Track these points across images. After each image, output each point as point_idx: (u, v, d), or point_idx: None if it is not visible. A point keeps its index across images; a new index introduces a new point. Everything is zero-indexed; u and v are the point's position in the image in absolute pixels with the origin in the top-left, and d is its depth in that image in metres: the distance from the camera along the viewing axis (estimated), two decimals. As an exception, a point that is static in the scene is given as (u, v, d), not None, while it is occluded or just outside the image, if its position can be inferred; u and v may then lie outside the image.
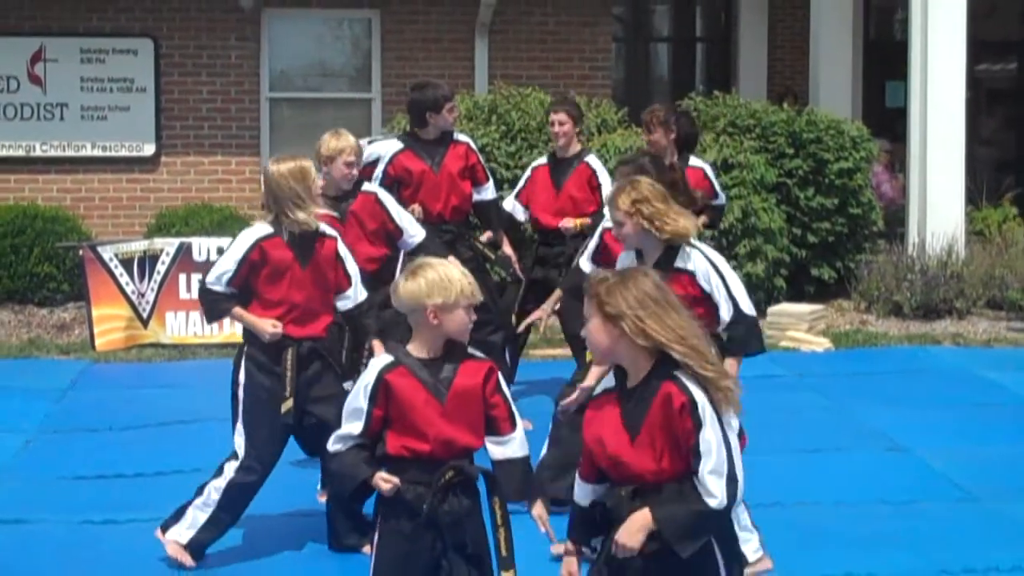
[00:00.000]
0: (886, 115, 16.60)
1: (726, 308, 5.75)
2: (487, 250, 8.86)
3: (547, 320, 7.70)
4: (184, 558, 6.13)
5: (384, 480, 4.51)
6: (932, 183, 13.10)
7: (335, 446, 4.62)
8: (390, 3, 14.04)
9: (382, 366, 4.58)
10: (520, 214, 9.13)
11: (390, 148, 8.60)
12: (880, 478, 7.59)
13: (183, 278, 11.11)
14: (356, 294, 6.39)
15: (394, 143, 8.69)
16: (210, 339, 10.88)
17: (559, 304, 7.65)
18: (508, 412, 4.65)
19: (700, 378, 3.93)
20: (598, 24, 14.43)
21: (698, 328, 4.03)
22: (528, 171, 9.22)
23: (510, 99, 12.65)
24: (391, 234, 7.46)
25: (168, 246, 11.43)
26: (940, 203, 13.06)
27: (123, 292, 11.27)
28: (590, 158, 8.91)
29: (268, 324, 6.11)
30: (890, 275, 12.54)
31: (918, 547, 6.44)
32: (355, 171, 7.25)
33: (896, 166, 15.21)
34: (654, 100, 13.12)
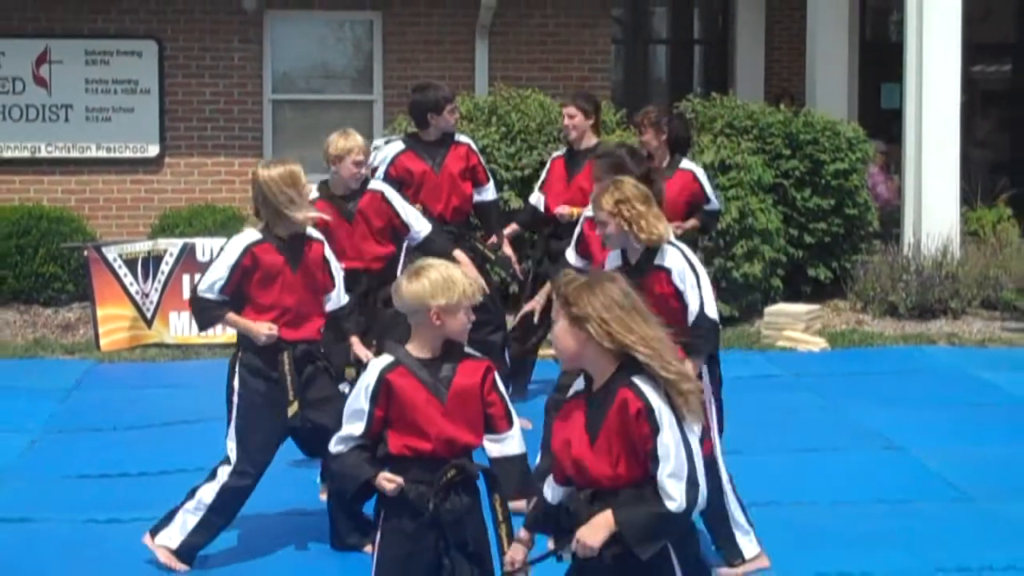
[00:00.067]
0: (882, 117, 16.58)
1: (694, 308, 5.87)
2: (487, 250, 8.84)
3: (540, 312, 7.66)
4: (174, 564, 6.08)
5: (388, 480, 4.50)
6: (927, 184, 13.09)
7: (337, 447, 4.61)
8: (391, 5, 14.03)
9: (383, 366, 4.57)
10: (543, 206, 9.02)
11: (392, 149, 8.58)
12: (876, 478, 7.59)
13: (187, 278, 11.07)
14: (339, 296, 6.38)
15: (396, 144, 8.68)
16: (213, 339, 10.85)
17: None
18: (505, 410, 4.66)
19: (662, 381, 3.93)
20: (597, 26, 14.42)
21: (664, 334, 4.03)
22: (548, 162, 9.22)
23: (510, 100, 12.63)
24: (398, 230, 7.43)
25: (172, 247, 11.42)
26: (935, 204, 13.05)
27: (127, 292, 11.26)
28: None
29: (264, 327, 6.07)
30: (886, 275, 12.53)
31: (913, 546, 6.43)
32: (364, 170, 7.23)
33: (892, 167, 15.19)
34: (652, 101, 13.12)
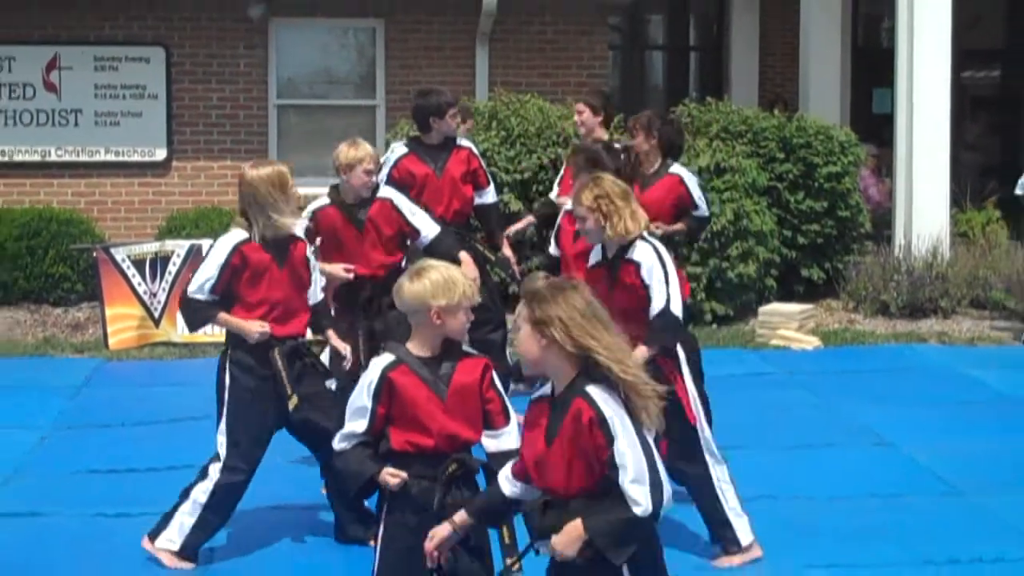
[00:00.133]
0: (873, 121, 16.59)
1: (658, 302, 5.91)
2: (487, 251, 8.85)
3: None
4: (178, 564, 6.05)
5: (392, 475, 4.51)
6: (918, 187, 13.11)
7: (340, 444, 4.62)
8: (394, 13, 14.04)
9: (385, 365, 4.58)
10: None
11: (395, 152, 8.59)
12: (868, 473, 7.59)
13: (194, 279, 11.08)
14: (315, 293, 6.36)
15: (400, 148, 8.68)
16: (219, 338, 10.69)
17: None
18: (502, 406, 4.67)
19: (622, 384, 3.91)
20: (595, 33, 14.42)
21: (624, 343, 4.04)
22: (565, 161, 9.25)
23: (510, 105, 12.64)
24: (408, 236, 7.39)
25: (179, 248, 11.43)
26: (925, 206, 13.07)
27: (135, 292, 11.27)
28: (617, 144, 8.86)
29: (256, 325, 6.03)
30: (877, 275, 12.54)
31: (904, 539, 6.45)
32: (374, 179, 7.17)
33: (883, 170, 15.20)
34: (649, 106, 13.11)
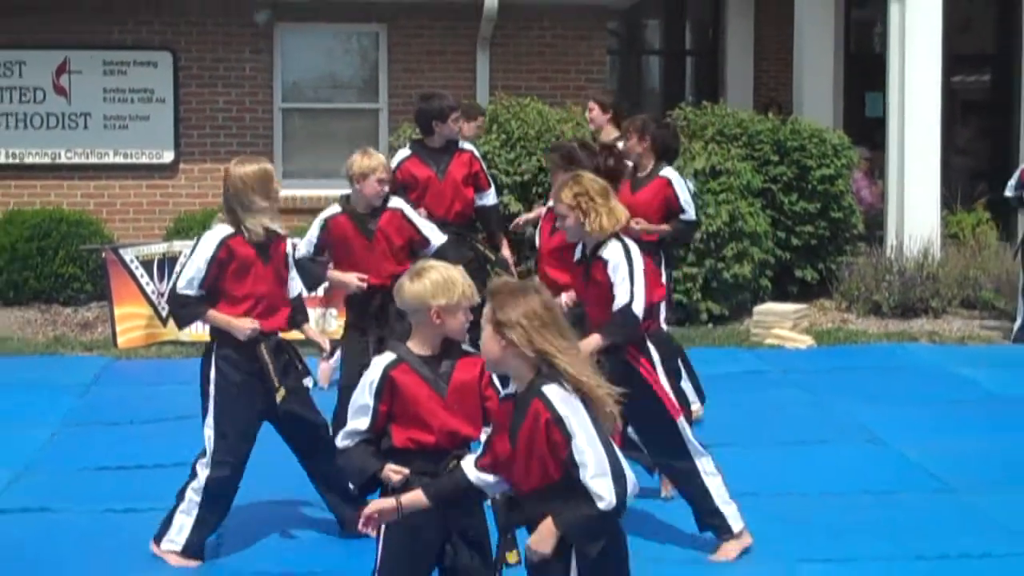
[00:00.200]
0: (866, 124, 16.57)
1: (621, 298, 5.90)
2: (488, 251, 8.84)
3: None
4: (185, 563, 6.04)
5: (394, 471, 4.51)
6: (909, 189, 13.11)
7: (344, 442, 4.62)
8: (397, 18, 14.03)
9: (386, 363, 4.58)
10: None
11: (398, 155, 8.58)
12: (860, 470, 7.58)
13: (200, 279, 11.07)
14: (294, 286, 6.35)
15: (403, 150, 8.68)
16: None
17: None
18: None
19: (576, 384, 3.95)
20: (593, 38, 14.41)
21: (578, 345, 4.11)
22: None
23: (510, 109, 12.63)
24: (417, 245, 7.33)
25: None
26: (917, 208, 13.08)
27: (143, 292, 11.25)
28: (620, 145, 8.85)
29: (247, 322, 5.98)
30: (869, 276, 12.54)
31: (896, 534, 6.44)
32: (386, 188, 7.11)
33: (875, 173, 15.21)
34: (646, 110, 13.11)
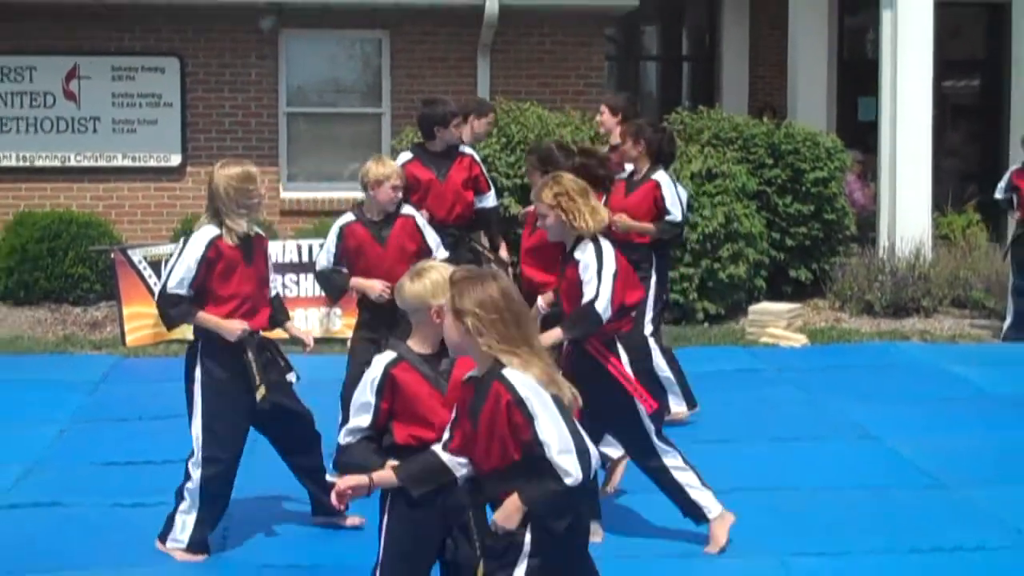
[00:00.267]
0: (859, 128, 16.56)
1: (587, 295, 5.87)
2: (486, 252, 8.83)
3: None
4: (191, 558, 6.03)
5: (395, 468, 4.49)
6: (901, 191, 13.11)
7: (346, 439, 4.61)
8: (400, 24, 14.01)
9: (387, 362, 4.58)
10: None
11: (400, 158, 8.57)
12: (854, 466, 7.57)
13: (207, 279, 11.05)
14: (273, 287, 6.34)
15: (405, 154, 8.66)
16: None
17: None
18: None
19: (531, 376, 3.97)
20: (592, 44, 14.39)
21: (535, 336, 4.10)
22: None
23: (510, 113, 12.61)
24: (424, 254, 7.34)
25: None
26: (908, 210, 13.07)
27: (151, 292, 11.22)
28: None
29: (236, 324, 5.94)
30: (862, 276, 12.53)
31: (890, 528, 6.44)
32: (400, 194, 7.09)
33: (868, 175, 15.19)
34: (643, 114, 13.07)
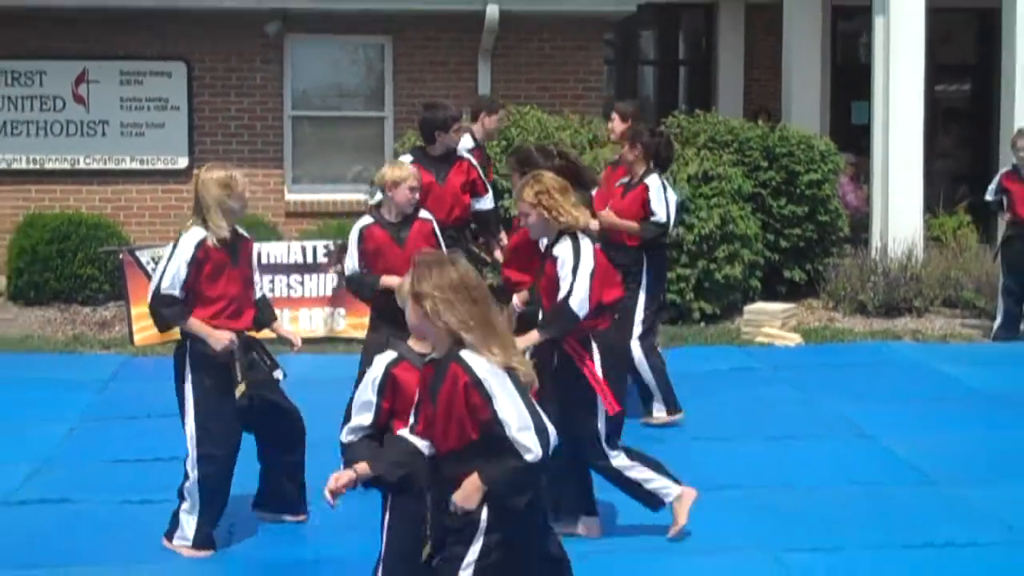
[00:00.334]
0: (852, 132, 16.55)
1: (561, 292, 5.86)
2: (483, 253, 8.81)
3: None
4: (198, 554, 6.03)
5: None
6: (893, 193, 13.10)
7: (348, 437, 4.61)
8: (402, 30, 14.00)
9: (388, 362, 4.57)
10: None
11: (402, 159, 8.54)
12: (847, 463, 7.55)
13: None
14: (259, 288, 6.33)
15: (405, 156, 8.64)
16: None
17: None
18: None
19: (486, 356, 3.99)
20: (590, 49, 14.38)
21: (497, 319, 4.10)
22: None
23: (510, 116, 12.59)
24: None
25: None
26: (901, 211, 13.06)
27: (159, 292, 11.22)
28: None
29: (225, 335, 5.91)
30: (855, 276, 12.52)
31: (883, 525, 6.42)
32: (416, 195, 7.10)
33: (861, 177, 15.17)
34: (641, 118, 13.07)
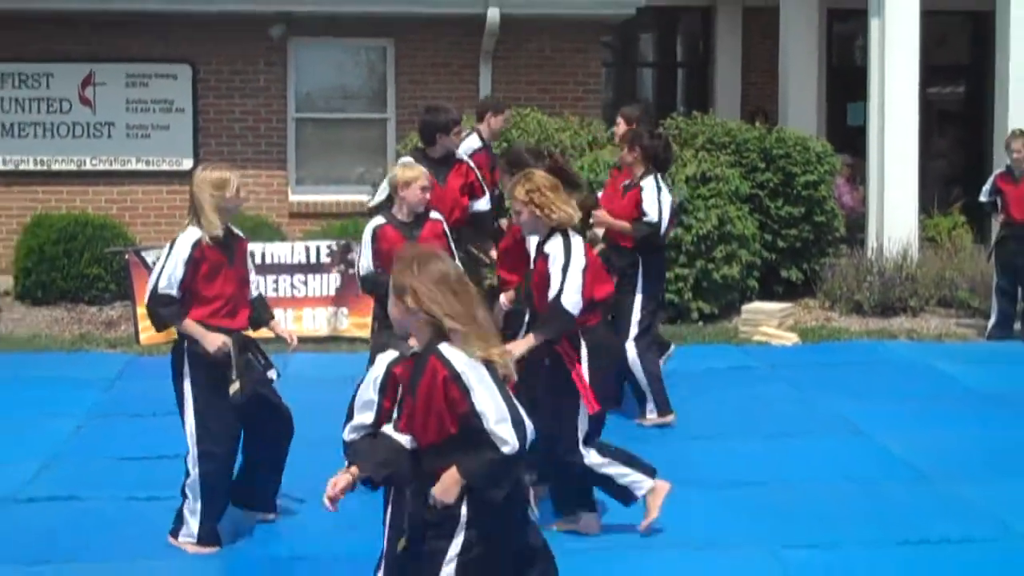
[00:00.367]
0: (847, 133, 16.54)
1: (552, 291, 5.85)
2: (480, 254, 8.82)
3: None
4: (203, 551, 6.04)
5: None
6: (889, 194, 13.10)
7: (350, 435, 4.60)
8: (404, 33, 14.01)
9: (389, 361, 4.56)
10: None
11: (400, 162, 8.55)
12: (844, 461, 7.56)
13: (218, 279, 11.05)
14: (255, 287, 6.34)
15: (405, 158, 8.65)
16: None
17: None
18: None
19: (466, 349, 3.99)
20: (589, 51, 14.39)
21: (480, 312, 4.09)
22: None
23: (511, 119, 12.59)
24: None
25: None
26: (896, 212, 13.06)
27: (164, 292, 11.22)
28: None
29: (219, 339, 5.92)
30: (851, 276, 12.53)
31: (879, 522, 6.43)
32: (428, 195, 7.13)
33: (856, 179, 15.18)
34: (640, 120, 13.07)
